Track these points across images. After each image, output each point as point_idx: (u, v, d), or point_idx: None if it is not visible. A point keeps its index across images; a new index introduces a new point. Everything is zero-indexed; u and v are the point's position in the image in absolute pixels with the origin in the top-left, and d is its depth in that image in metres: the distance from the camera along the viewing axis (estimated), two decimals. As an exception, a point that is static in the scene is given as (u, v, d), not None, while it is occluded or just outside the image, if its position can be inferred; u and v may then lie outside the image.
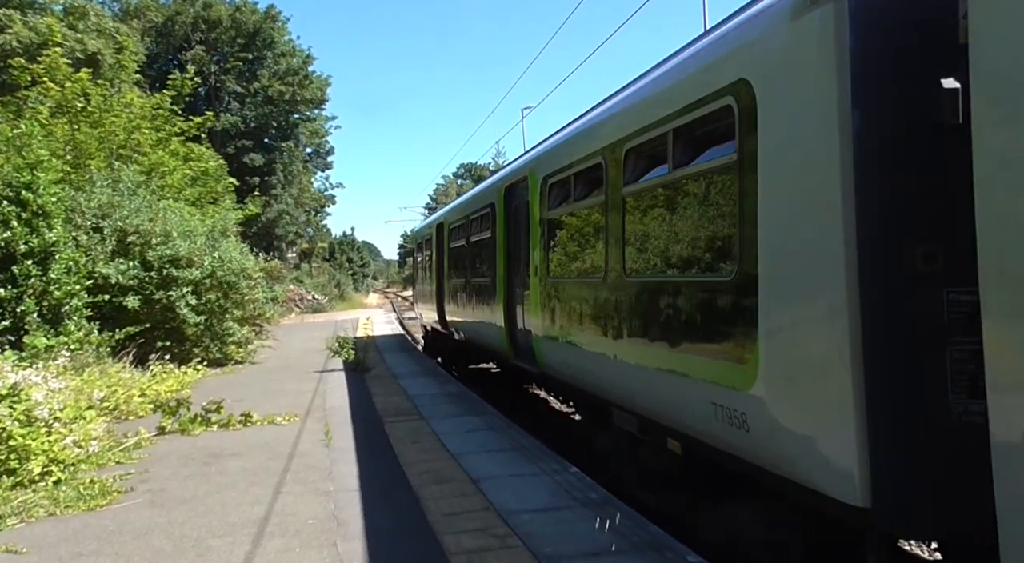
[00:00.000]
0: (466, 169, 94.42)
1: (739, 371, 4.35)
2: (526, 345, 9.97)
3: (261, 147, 46.82)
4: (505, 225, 11.36)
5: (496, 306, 11.52)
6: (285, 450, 8.73)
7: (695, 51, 5.42)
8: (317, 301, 47.45)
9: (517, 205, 10.68)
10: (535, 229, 9.30)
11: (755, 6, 4.60)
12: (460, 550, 5.26)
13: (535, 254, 9.26)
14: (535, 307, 9.15)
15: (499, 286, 11.38)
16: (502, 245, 11.43)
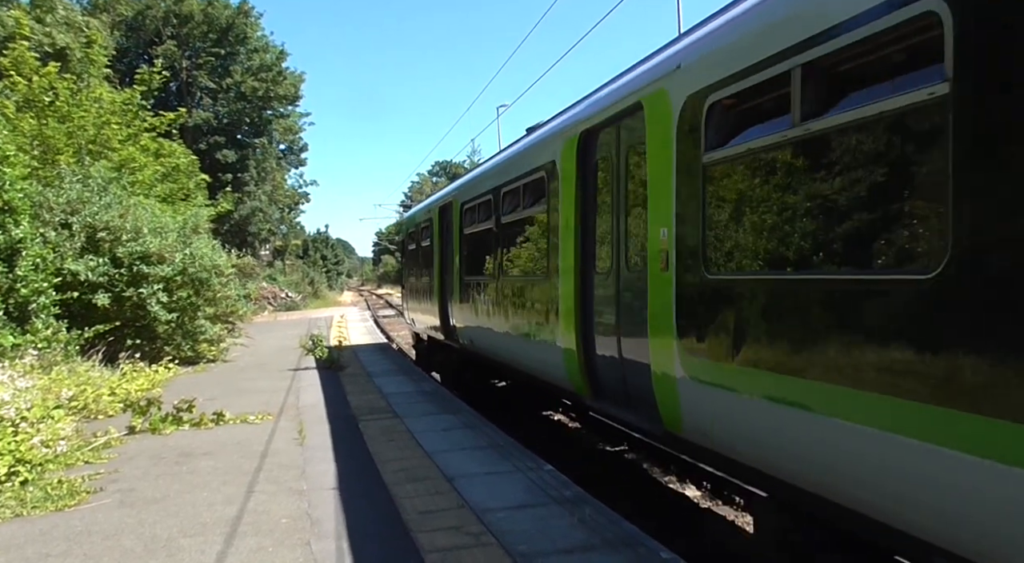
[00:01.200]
0: (441, 167, 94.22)
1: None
2: (629, 384, 6.49)
3: (234, 143, 46.33)
4: (580, 191, 7.43)
5: (554, 318, 7.98)
6: (258, 449, 8.66)
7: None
8: (291, 299, 47.09)
9: (610, 161, 6.92)
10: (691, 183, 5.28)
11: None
12: (434, 548, 5.25)
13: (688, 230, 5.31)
14: (674, 325, 5.41)
15: (565, 287, 7.66)
16: (573, 224, 7.47)
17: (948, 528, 3.25)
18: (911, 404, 3.31)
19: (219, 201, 26.52)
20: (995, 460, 2.94)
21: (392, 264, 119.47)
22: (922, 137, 3.45)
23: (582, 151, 7.37)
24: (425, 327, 16.84)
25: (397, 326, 36.72)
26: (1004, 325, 2.95)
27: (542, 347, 8.49)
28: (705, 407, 5.09)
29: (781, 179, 4.40)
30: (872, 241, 3.71)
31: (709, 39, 5.28)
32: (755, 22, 4.64)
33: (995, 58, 3.06)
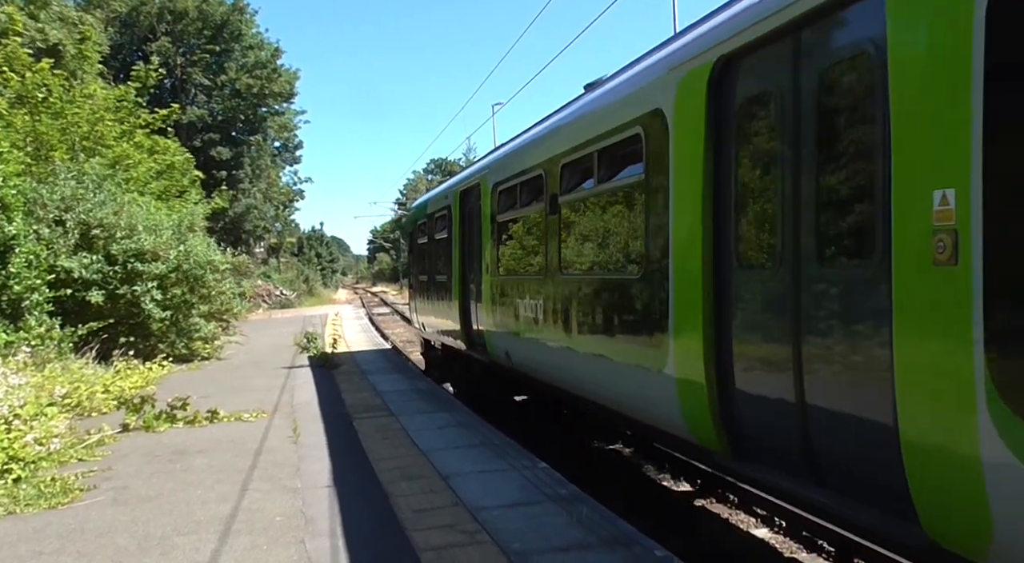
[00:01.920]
0: (436, 165, 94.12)
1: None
2: (820, 447, 4.28)
3: (228, 141, 46.17)
4: (713, 146, 5.10)
5: (661, 333, 5.66)
6: (252, 447, 8.64)
7: None
8: (285, 296, 47.01)
9: (778, 94, 4.56)
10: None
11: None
12: (429, 546, 5.25)
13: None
14: (980, 361, 3.06)
15: (684, 289, 5.35)
16: (701, 196, 5.16)
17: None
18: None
19: (214, 198, 26.46)
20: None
21: (387, 262, 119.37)
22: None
23: (717, 88, 5.01)
24: (438, 333, 14.34)
25: (392, 324, 36.69)
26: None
27: (635, 374, 6.17)
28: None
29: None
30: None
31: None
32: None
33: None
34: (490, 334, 10.52)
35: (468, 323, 11.88)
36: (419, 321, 16.94)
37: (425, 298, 15.72)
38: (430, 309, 15.05)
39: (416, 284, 17.50)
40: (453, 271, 12.56)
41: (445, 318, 13.25)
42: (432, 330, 15.18)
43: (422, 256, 16.49)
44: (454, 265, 12.55)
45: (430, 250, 15.15)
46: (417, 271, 17.27)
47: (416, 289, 17.50)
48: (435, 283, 14.37)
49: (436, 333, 14.72)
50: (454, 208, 12.62)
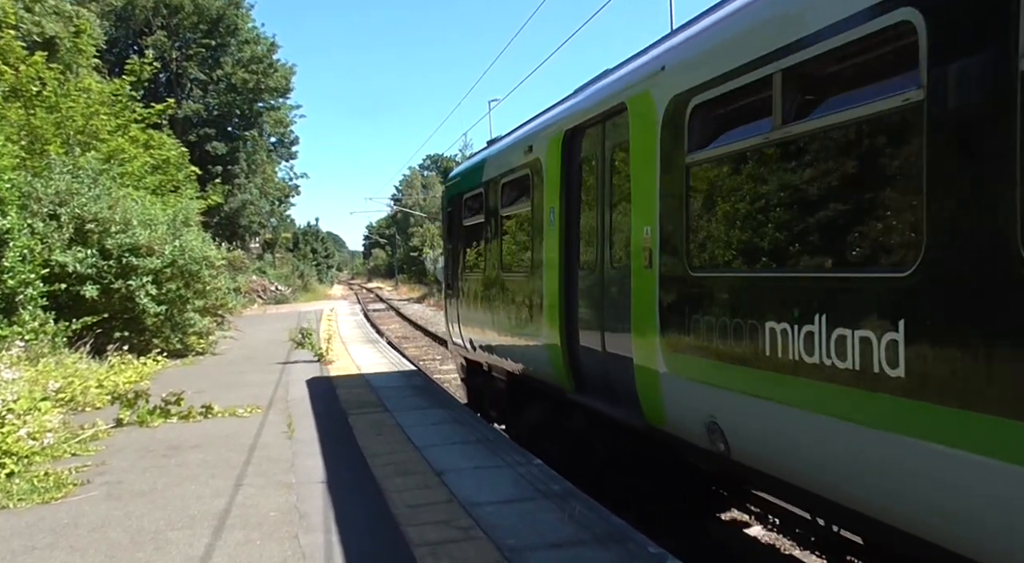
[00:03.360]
0: (432, 161, 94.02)
1: None
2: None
3: (224, 136, 46.04)
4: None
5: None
6: (247, 442, 8.64)
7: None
8: (280, 292, 46.96)
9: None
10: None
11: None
12: (424, 542, 5.25)
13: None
14: None
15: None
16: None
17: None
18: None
19: (209, 193, 26.39)
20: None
21: (382, 258, 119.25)
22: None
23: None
24: (505, 357, 9.61)
25: (387, 320, 36.71)
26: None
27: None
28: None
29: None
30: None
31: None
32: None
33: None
34: (674, 383, 5.51)
35: (574, 350, 7.39)
36: (464, 336, 11.54)
37: (478, 304, 10.56)
38: (489, 320, 10.02)
39: (459, 283, 11.86)
40: (544, 263, 7.93)
41: (521, 335, 8.72)
42: (488, 350, 10.27)
43: (473, 242, 11.18)
44: (547, 253, 7.84)
45: (490, 232, 10.11)
46: (462, 264, 11.75)
47: (459, 290, 11.90)
48: (501, 282, 9.51)
49: (499, 356, 9.81)
50: (546, 166, 7.97)
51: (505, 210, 9.52)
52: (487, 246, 10.29)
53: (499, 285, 9.63)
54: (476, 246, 11.03)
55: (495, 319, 9.75)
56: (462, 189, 11.77)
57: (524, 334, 8.59)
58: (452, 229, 12.56)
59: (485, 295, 10.29)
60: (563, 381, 7.63)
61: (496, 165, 9.91)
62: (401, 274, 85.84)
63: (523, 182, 8.75)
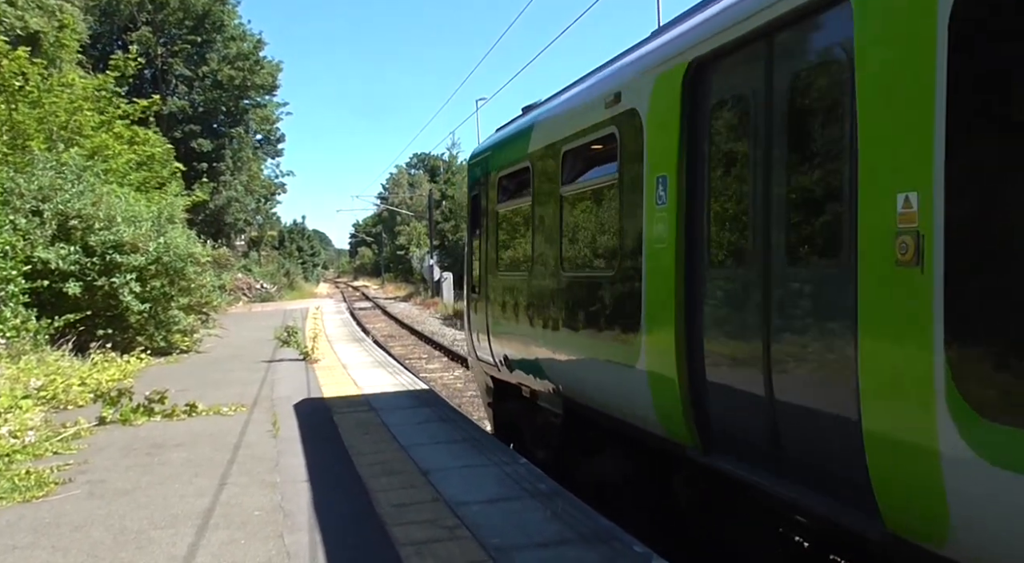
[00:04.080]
0: (419, 159, 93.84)
1: None
2: None
3: (210, 132, 45.73)
4: None
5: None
6: (231, 441, 8.59)
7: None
8: (266, 290, 46.74)
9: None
10: None
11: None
12: (409, 541, 5.23)
13: None
14: None
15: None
16: None
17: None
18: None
19: (194, 191, 26.24)
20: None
21: (369, 256, 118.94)
22: None
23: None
24: (564, 386, 7.22)
25: (373, 319, 36.62)
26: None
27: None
28: None
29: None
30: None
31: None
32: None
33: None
34: (984, 476, 3.00)
35: (699, 388, 5.01)
36: (495, 351, 9.05)
37: (520, 311, 8.14)
38: (537, 334, 7.59)
39: (490, 284, 9.31)
40: (645, 256, 5.51)
41: (596, 358, 6.36)
42: (534, 371, 7.84)
43: (512, 232, 8.91)
44: (651, 242, 5.41)
45: (542, 218, 7.55)
46: (495, 260, 9.18)
47: (488, 293, 9.31)
48: (562, 283, 7.10)
49: (552, 382, 7.40)
50: (656, 110, 5.42)
51: (570, 187, 6.87)
52: (537, 236, 7.56)
53: (558, 287, 7.07)
54: (518, 237, 8.54)
55: (549, 333, 7.22)
56: (495, 166, 8.97)
57: (603, 357, 6.10)
58: (479, 217, 9.64)
59: (533, 300, 7.66)
60: (676, 431, 5.18)
61: (552, 129, 7.26)
62: (387, 273, 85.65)
63: (602, 146, 6.31)
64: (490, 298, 9.19)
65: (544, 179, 7.44)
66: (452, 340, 25.57)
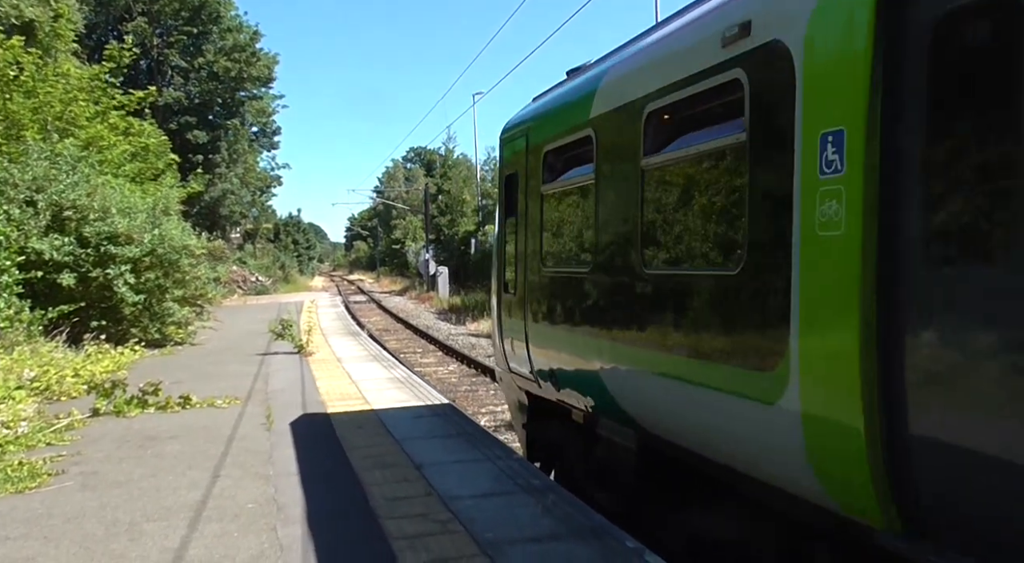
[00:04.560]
0: (416, 153, 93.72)
1: None
2: None
3: (205, 124, 45.59)
4: None
5: None
6: (225, 433, 8.58)
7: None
8: (261, 283, 46.67)
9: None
10: None
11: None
12: (401, 535, 5.24)
13: None
14: None
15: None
16: None
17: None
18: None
19: (189, 182, 26.15)
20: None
21: (364, 250, 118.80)
22: None
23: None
24: (648, 418, 5.43)
25: (368, 313, 36.59)
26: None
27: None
28: None
29: None
30: None
31: None
32: None
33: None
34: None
35: (904, 446, 3.27)
36: (534, 362, 7.33)
37: (576, 316, 6.48)
38: (603, 347, 5.88)
39: (528, 280, 7.56)
40: (799, 245, 3.72)
41: (704, 385, 4.55)
42: (597, 394, 6.17)
43: (564, 216, 7.14)
44: (809, 226, 3.66)
45: (610, 198, 5.92)
46: (538, 251, 7.31)
47: (526, 291, 7.58)
48: (643, 281, 5.42)
49: (629, 411, 5.66)
50: (827, 43, 3.63)
51: (657, 158, 5.12)
52: (603, 222, 5.87)
53: (637, 288, 5.40)
54: (573, 223, 6.75)
55: (620, 347, 5.52)
56: (538, 139, 7.20)
57: (713, 384, 4.43)
58: (514, 201, 7.90)
59: (596, 303, 6.02)
60: (854, 503, 3.55)
61: (627, 85, 5.58)
62: (383, 266, 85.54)
63: (715, 99, 4.60)
64: (530, 299, 7.31)
65: (614, 150, 5.68)
66: (447, 335, 25.58)
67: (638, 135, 5.24)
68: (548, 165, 7.08)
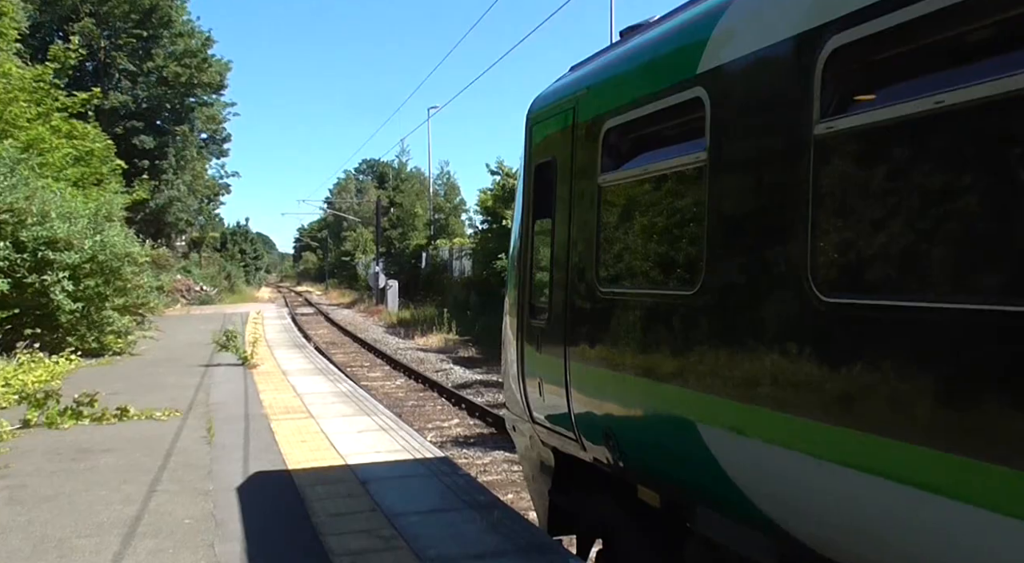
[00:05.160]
0: (368, 166, 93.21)
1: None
2: None
3: (153, 129, 44.62)
4: None
5: None
6: (163, 447, 8.35)
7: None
8: (205, 293, 45.74)
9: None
10: None
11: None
12: (344, 551, 5.15)
13: None
14: None
15: None
16: None
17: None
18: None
19: (135, 188, 25.58)
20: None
21: (313, 261, 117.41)
22: None
23: None
24: (767, 506, 3.51)
25: (316, 325, 36.13)
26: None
27: None
28: None
29: None
30: None
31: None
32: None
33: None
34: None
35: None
36: (577, 414, 5.15)
37: (658, 362, 4.27)
38: (706, 411, 3.83)
39: (575, 305, 5.27)
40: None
41: (907, 469, 2.70)
42: (684, 472, 4.25)
43: (629, 218, 4.91)
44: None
45: (738, 191, 3.74)
46: (594, 265, 5.03)
47: (570, 318, 5.29)
48: (816, 315, 3.15)
49: (735, 506, 3.75)
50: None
51: (847, 119, 3.11)
52: (722, 220, 3.86)
53: (803, 320, 3.28)
54: (659, 223, 4.66)
55: (764, 410, 3.47)
56: (594, 112, 5.17)
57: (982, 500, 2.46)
58: (551, 197, 5.75)
59: (709, 340, 3.91)
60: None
61: (781, 13, 3.51)
62: (332, 279, 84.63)
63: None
64: (574, 329, 5.20)
65: (750, 115, 3.71)
66: (395, 349, 25.38)
67: (806, 88, 3.23)
68: (610, 147, 5.02)
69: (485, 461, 10.87)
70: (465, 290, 33.42)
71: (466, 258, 37.23)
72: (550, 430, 5.69)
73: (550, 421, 5.65)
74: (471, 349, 24.83)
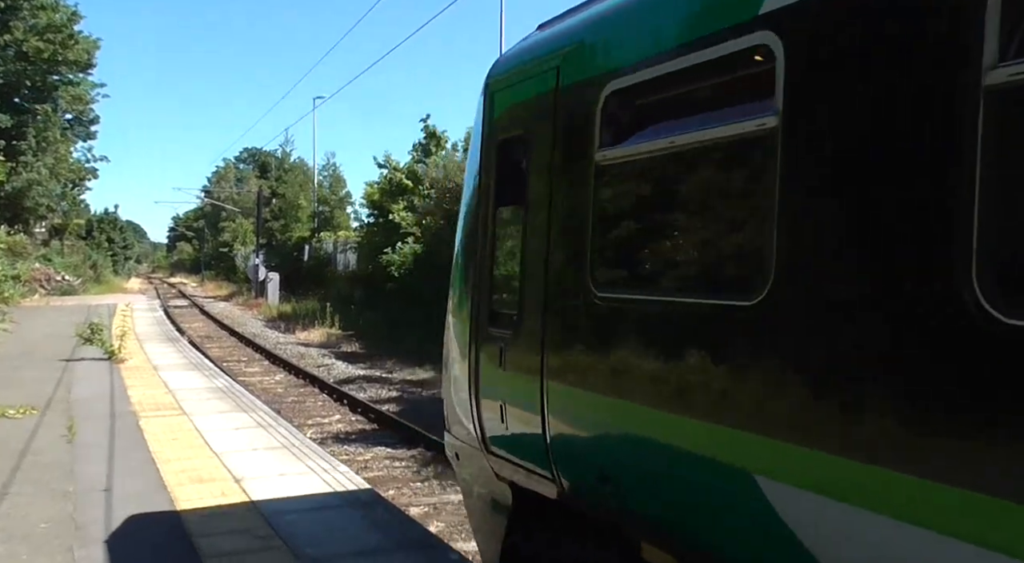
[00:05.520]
0: (250, 154, 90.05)
1: None
2: None
3: (10, 107, 41.53)
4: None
5: None
6: (17, 447, 7.81)
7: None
8: (68, 283, 43.04)
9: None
10: None
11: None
12: (216, 553, 4.98)
13: None
14: None
15: None
16: None
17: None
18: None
19: (-12, 169, 23.76)
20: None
21: (188, 252, 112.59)
22: None
23: None
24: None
25: (190, 318, 34.69)
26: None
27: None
28: None
29: None
30: None
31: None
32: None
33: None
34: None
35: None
36: (554, 445, 3.96)
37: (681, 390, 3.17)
38: (765, 455, 2.73)
39: (555, 312, 4.06)
40: None
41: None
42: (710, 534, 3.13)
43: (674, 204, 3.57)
44: None
45: (832, 167, 2.59)
46: (588, 265, 3.75)
47: (549, 329, 4.06)
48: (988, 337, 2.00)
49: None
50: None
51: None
52: (800, 205, 2.69)
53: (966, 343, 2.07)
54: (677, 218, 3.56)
55: (856, 465, 2.35)
56: (591, 72, 3.97)
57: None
58: (523, 179, 4.58)
59: (784, 373, 2.71)
60: None
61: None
62: (208, 270, 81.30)
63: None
64: (555, 342, 4.11)
65: (845, 61, 2.58)
66: (275, 343, 24.66)
67: (967, 23, 2.13)
68: (612, 116, 3.86)
69: (367, 457, 10.73)
70: (349, 284, 32.87)
71: (351, 251, 36.62)
72: (515, 465, 4.48)
73: (514, 454, 4.49)
74: (354, 344, 24.44)
